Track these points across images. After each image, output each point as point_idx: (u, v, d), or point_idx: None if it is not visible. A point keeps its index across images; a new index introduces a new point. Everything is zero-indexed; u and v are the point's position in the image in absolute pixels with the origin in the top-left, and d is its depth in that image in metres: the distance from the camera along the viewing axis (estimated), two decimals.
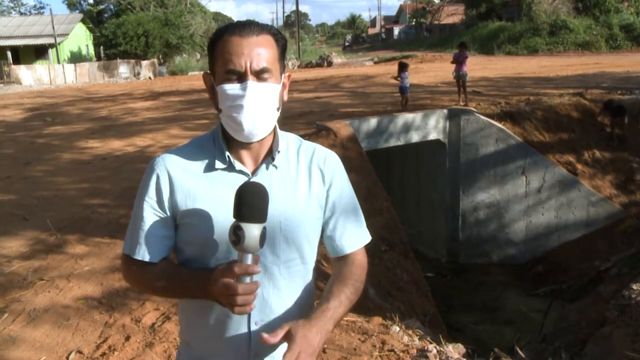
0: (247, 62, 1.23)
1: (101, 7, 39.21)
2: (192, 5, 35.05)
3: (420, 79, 14.90)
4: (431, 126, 8.85)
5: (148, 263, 1.32)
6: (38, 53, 31.37)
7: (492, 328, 7.33)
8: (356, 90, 14.08)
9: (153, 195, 1.32)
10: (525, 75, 15.44)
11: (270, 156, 1.34)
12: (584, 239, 9.15)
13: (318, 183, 1.37)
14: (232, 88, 1.24)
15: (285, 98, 1.35)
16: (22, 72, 27.05)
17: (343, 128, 7.68)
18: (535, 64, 19.61)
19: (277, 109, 1.31)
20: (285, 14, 76.67)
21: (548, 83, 13.02)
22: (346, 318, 3.63)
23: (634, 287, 5.07)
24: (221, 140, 1.33)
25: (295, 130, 7.36)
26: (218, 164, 1.32)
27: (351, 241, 1.42)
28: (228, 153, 1.31)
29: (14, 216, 5.57)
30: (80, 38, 34.32)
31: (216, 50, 1.27)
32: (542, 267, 8.91)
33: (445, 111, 9.05)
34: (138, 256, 1.32)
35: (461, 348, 3.76)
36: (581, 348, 4.95)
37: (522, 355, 4.38)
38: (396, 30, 61.13)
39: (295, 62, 30.97)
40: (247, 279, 1.16)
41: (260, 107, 1.25)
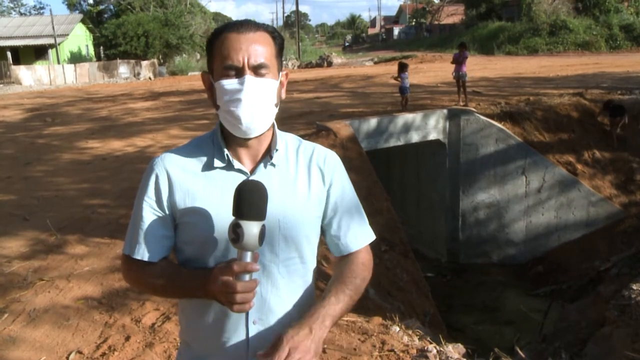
0: (245, 58, 1.24)
1: (101, 8, 39.20)
2: (192, 5, 35.07)
3: (420, 79, 14.89)
4: (431, 126, 8.85)
5: (148, 263, 1.32)
6: (38, 53, 31.37)
7: (492, 328, 7.33)
8: (356, 90, 14.07)
9: (152, 195, 1.32)
10: (525, 75, 15.44)
11: (268, 155, 1.34)
12: (584, 239, 9.15)
13: (317, 182, 1.37)
14: (230, 83, 1.25)
15: (283, 96, 1.36)
16: (22, 73, 27.07)
17: (343, 128, 7.68)
18: (535, 64, 19.61)
19: (275, 105, 1.31)
20: (285, 14, 76.78)
21: (548, 83, 13.02)
22: (346, 318, 3.63)
23: (634, 287, 5.07)
24: (220, 139, 1.34)
25: (295, 130, 7.35)
26: (217, 163, 1.32)
27: (356, 239, 1.42)
28: (227, 151, 1.32)
29: (14, 216, 5.57)
30: (80, 38, 34.32)
31: (214, 48, 1.28)
32: (542, 267, 8.91)
33: (445, 111, 9.05)
34: (137, 256, 1.32)
35: (461, 348, 3.76)
36: (581, 348, 4.95)
37: (522, 355, 4.38)
38: (396, 30, 61.10)
39: (295, 62, 30.98)
40: (246, 277, 1.16)
41: (258, 102, 1.25)
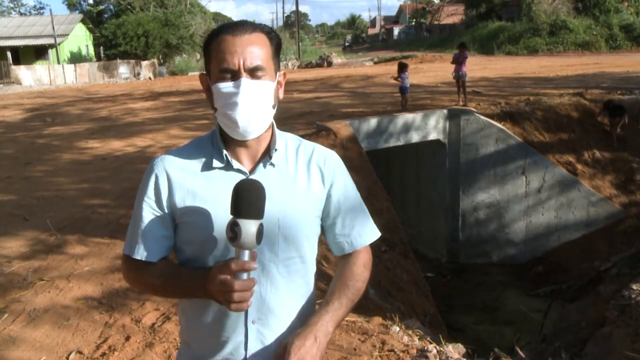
0: (240, 60, 1.24)
1: (101, 8, 39.19)
2: (192, 5, 35.07)
3: (420, 79, 14.89)
4: (431, 126, 8.85)
5: (147, 263, 1.33)
6: (38, 53, 31.38)
7: (492, 328, 7.33)
8: (356, 90, 14.07)
9: (152, 195, 1.33)
10: (525, 75, 15.44)
11: (267, 155, 1.34)
12: (584, 239, 9.15)
13: (317, 182, 1.37)
14: (226, 86, 1.25)
15: (280, 96, 1.36)
16: (22, 73, 27.08)
17: (343, 128, 7.68)
18: (535, 64, 19.61)
19: (273, 107, 1.31)
20: (285, 14, 76.71)
21: (548, 83, 13.01)
22: (346, 318, 3.62)
23: (634, 287, 5.07)
24: (219, 140, 1.34)
25: (295, 130, 7.35)
26: (216, 163, 1.33)
27: (362, 236, 1.43)
28: (225, 152, 1.32)
29: (14, 216, 5.57)
30: (80, 38, 34.33)
31: (210, 50, 1.29)
32: (542, 267, 8.91)
33: (445, 111, 9.05)
34: (137, 256, 1.32)
35: (461, 348, 3.76)
36: (581, 348, 4.95)
37: (522, 355, 4.38)
38: (396, 30, 61.07)
39: (295, 63, 31.00)
40: (244, 276, 1.17)
41: (254, 104, 1.25)
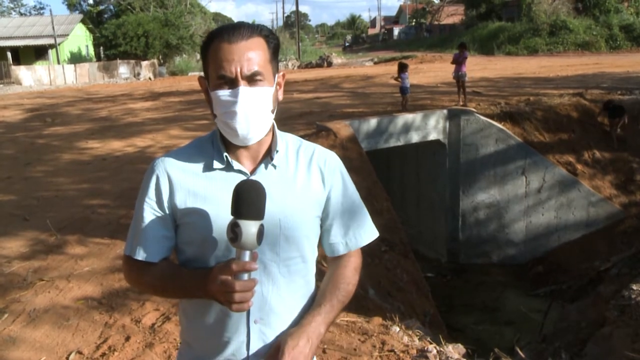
0: (238, 68, 1.23)
1: (101, 8, 39.22)
2: (192, 5, 35.07)
3: (420, 80, 14.89)
4: (431, 126, 8.85)
5: (148, 263, 1.33)
6: (38, 53, 31.39)
7: (492, 328, 7.33)
8: (356, 90, 14.07)
9: (153, 196, 1.33)
10: (525, 75, 15.44)
11: (269, 156, 1.34)
12: (584, 239, 9.15)
13: (317, 183, 1.38)
14: (224, 94, 1.25)
15: (280, 98, 1.36)
16: (22, 73, 27.08)
17: (343, 128, 7.67)
18: (535, 64, 19.61)
19: (272, 111, 1.31)
20: (285, 15, 76.87)
21: (548, 83, 13.01)
22: (346, 318, 3.64)
23: (634, 287, 5.08)
24: (219, 141, 1.34)
25: (295, 130, 7.36)
26: (216, 164, 1.33)
27: (362, 236, 1.45)
28: (226, 153, 1.32)
29: (14, 216, 5.57)
30: (80, 39, 34.34)
31: (208, 54, 1.28)
32: (542, 267, 8.91)
33: (445, 111, 9.05)
34: (138, 257, 1.33)
35: (461, 348, 3.76)
36: (581, 348, 4.96)
37: (522, 355, 4.38)
38: (396, 30, 61.05)
39: (295, 63, 31.02)
40: (245, 276, 1.17)
41: (253, 112, 1.26)
